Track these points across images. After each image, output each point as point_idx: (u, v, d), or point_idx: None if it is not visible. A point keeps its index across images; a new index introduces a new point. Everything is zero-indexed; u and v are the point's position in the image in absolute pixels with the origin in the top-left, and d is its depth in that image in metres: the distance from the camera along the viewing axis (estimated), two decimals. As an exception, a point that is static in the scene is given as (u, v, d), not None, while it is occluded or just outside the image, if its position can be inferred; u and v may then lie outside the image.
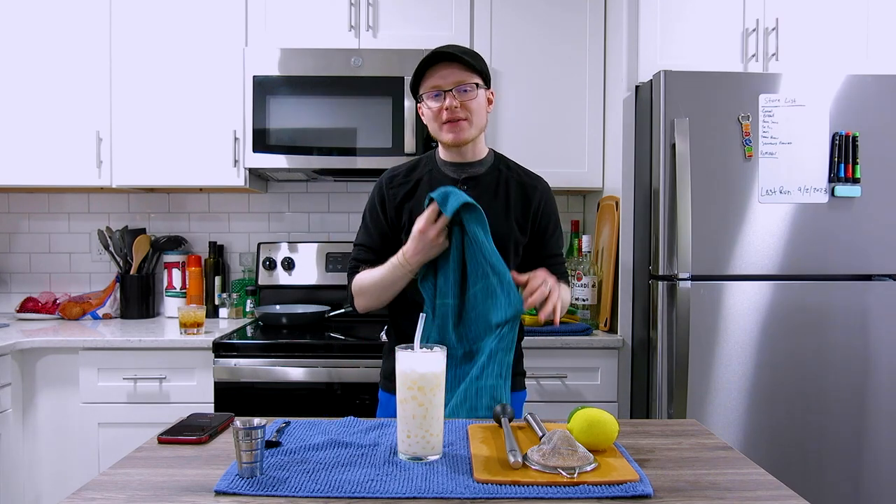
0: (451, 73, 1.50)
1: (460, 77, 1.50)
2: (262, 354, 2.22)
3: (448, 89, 1.50)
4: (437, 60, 1.50)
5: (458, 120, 1.51)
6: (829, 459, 2.16)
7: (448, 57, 1.49)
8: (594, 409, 1.16)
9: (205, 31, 2.56)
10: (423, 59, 1.52)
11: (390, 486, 0.98)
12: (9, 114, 2.55)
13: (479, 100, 1.54)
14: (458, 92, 1.50)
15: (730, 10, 2.37)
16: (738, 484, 1.03)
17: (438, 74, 1.51)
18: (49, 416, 2.29)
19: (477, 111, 1.53)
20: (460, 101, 1.50)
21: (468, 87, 1.51)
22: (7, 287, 2.93)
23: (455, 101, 1.50)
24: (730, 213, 2.14)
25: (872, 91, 2.16)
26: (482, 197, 1.54)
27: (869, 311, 2.16)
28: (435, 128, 1.55)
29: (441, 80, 1.50)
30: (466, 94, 1.51)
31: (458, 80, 1.50)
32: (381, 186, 1.63)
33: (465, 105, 1.51)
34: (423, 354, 1.14)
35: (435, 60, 1.50)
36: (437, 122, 1.54)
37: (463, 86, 1.50)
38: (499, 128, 2.61)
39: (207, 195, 2.95)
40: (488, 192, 1.58)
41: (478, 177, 1.59)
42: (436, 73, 1.51)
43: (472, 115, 1.53)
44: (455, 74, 1.50)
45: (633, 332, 2.34)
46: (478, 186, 1.57)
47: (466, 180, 1.58)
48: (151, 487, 1.00)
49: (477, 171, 1.60)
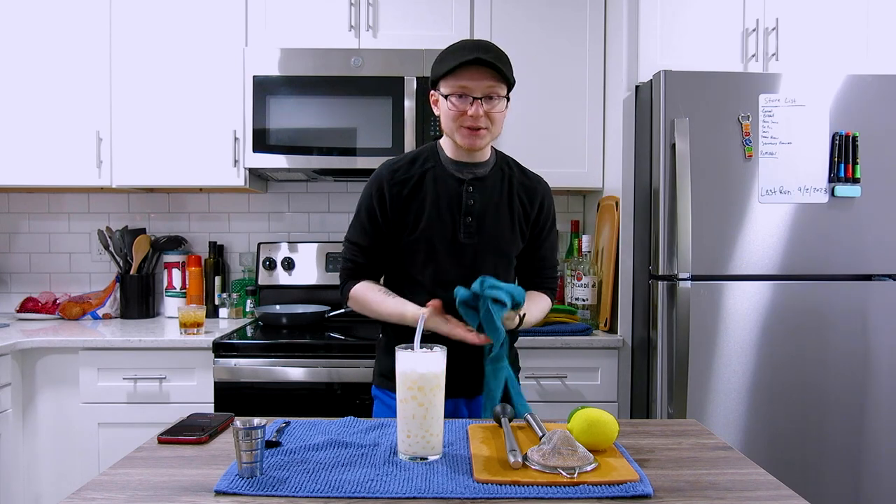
0: (483, 78, 1.44)
1: (491, 85, 1.45)
2: (262, 354, 2.22)
3: (478, 97, 1.44)
4: (471, 63, 1.42)
5: (479, 129, 1.47)
6: (829, 459, 2.15)
7: (482, 62, 1.42)
8: (594, 409, 1.16)
9: (205, 31, 2.56)
10: (456, 53, 1.44)
11: (390, 486, 0.98)
12: (9, 114, 2.55)
13: (502, 111, 1.49)
14: (486, 101, 1.45)
15: (730, 9, 2.36)
16: (738, 484, 1.03)
17: (470, 75, 1.44)
18: (49, 416, 2.29)
19: (498, 122, 1.50)
20: (486, 111, 1.45)
21: (495, 98, 1.46)
22: (7, 287, 2.93)
23: (482, 110, 1.44)
24: (730, 213, 2.14)
25: (872, 91, 2.16)
26: (487, 199, 1.54)
27: (869, 311, 2.16)
28: (451, 127, 1.49)
29: (472, 82, 1.44)
30: (493, 104, 1.46)
31: (489, 88, 1.45)
32: (380, 181, 1.55)
33: (489, 115, 1.46)
34: (424, 354, 1.14)
35: (469, 63, 1.42)
36: (455, 123, 1.48)
37: (492, 94, 1.45)
38: (499, 128, 2.60)
39: (207, 195, 2.95)
40: (493, 193, 1.57)
41: (483, 178, 1.56)
42: (467, 72, 1.44)
43: (493, 125, 1.49)
44: (487, 80, 1.44)
45: (633, 332, 2.34)
46: (483, 188, 1.55)
47: (472, 182, 1.55)
48: (151, 487, 1.00)
49: (482, 171, 1.57)
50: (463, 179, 1.55)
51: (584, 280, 2.49)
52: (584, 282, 2.49)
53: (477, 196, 1.53)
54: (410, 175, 1.55)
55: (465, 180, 1.55)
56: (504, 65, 1.46)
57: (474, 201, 1.54)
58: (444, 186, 1.54)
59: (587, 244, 2.57)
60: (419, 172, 1.55)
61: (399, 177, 1.55)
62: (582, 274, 2.50)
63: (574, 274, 2.53)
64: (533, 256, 1.65)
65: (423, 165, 1.56)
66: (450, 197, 1.54)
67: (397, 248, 1.57)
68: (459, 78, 1.44)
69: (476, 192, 1.54)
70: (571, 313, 2.43)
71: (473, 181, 1.55)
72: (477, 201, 1.54)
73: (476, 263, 1.54)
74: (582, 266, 2.52)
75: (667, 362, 2.14)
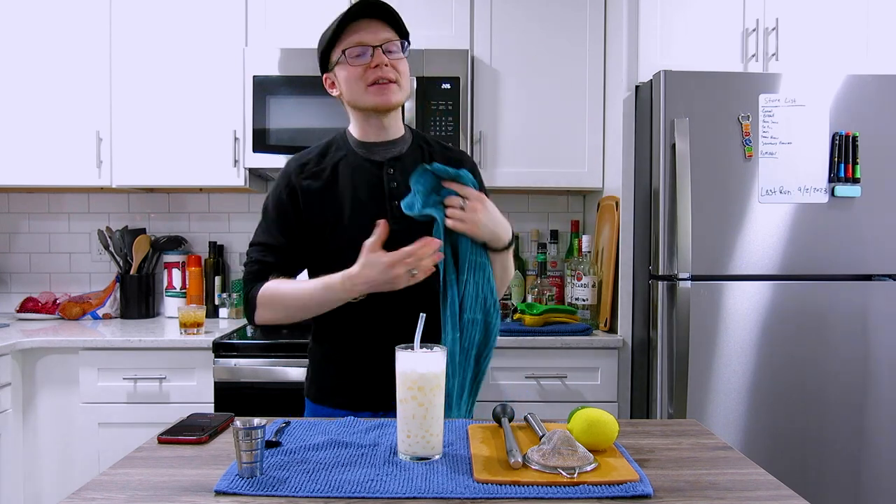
0: (377, 29, 1.34)
1: (388, 37, 1.35)
2: (262, 354, 2.22)
3: (376, 45, 1.33)
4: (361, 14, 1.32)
5: (388, 82, 1.34)
6: (829, 459, 2.16)
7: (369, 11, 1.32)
8: (594, 409, 1.16)
9: (205, 31, 2.56)
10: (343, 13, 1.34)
11: (390, 486, 0.98)
12: (9, 114, 2.55)
13: (405, 63, 1.38)
14: (387, 51, 1.34)
15: (730, 9, 2.36)
16: (738, 484, 1.02)
17: (362, 30, 1.34)
18: (49, 416, 2.29)
19: (405, 74, 1.37)
20: (389, 61, 1.34)
21: (395, 49, 1.36)
22: (7, 287, 2.93)
23: (385, 59, 1.33)
24: (730, 213, 2.14)
25: (872, 91, 2.16)
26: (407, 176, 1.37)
27: (869, 311, 2.16)
28: (358, 91, 1.36)
29: (368, 35, 1.34)
30: (394, 56, 1.36)
31: (386, 37, 1.35)
32: (288, 176, 1.42)
33: (394, 65, 1.35)
34: (423, 354, 1.14)
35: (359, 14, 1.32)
36: (361, 84, 1.35)
37: (391, 44, 1.35)
38: (499, 128, 2.60)
39: (207, 195, 2.95)
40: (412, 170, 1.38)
41: (401, 157, 1.42)
42: (358, 28, 1.34)
43: (402, 77, 1.37)
44: (382, 31, 1.35)
45: (633, 332, 2.34)
46: (403, 167, 1.40)
47: (391, 162, 1.41)
48: (151, 487, 1.00)
49: (399, 150, 1.43)
50: (381, 162, 1.41)
51: (584, 280, 2.49)
52: (584, 282, 2.49)
53: (398, 177, 1.39)
54: (322, 167, 1.42)
55: (384, 162, 1.41)
56: (396, 14, 1.36)
57: (397, 183, 1.39)
58: (362, 173, 1.41)
59: (587, 244, 2.57)
60: (331, 164, 1.42)
61: (310, 169, 1.42)
62: (582, 274, 2.50)
63: (574, 274, 2.53)
64: None
65: (333, 156, 1.43)
66: (370, 184, 1.40)
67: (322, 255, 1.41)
68: (351, 33, 1.35)
69: (397, 173, 1.40)
70: (571, 313, 2.43)
71: (392, 162, 1.42)
72: (400, 182, 1.39)
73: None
74: (582, 266, 2.52)
75: (667, 362, 2.14)
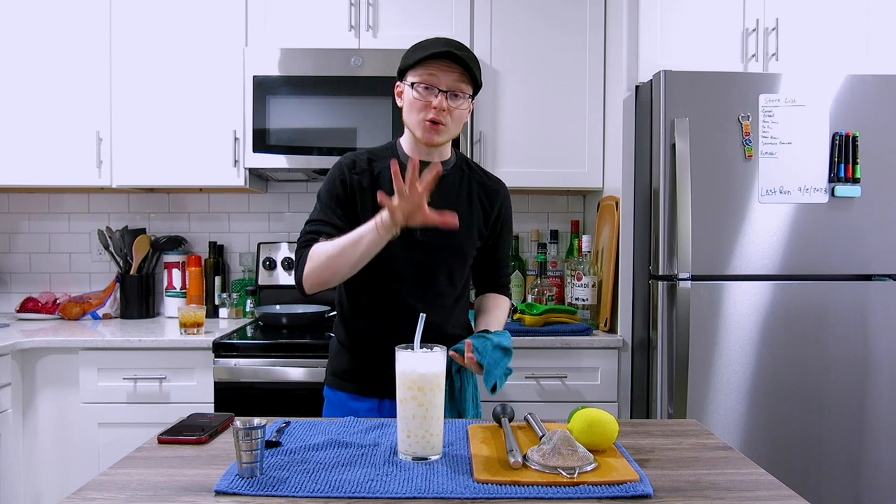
0: (450, 73, 1.46)
1: (458, 82, 1.47)
2: (262, 354, 2.22)
3: (444, 90, 1.46)
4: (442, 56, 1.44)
5: (439, 123, 1.47)
6: (829, 459, 2.16)
7: (453, 58, 1.44)
8: (594, 409, 1.16)
9: (205, 31, 2.56)
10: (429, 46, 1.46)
11: (390, 486, 0.98)
12: (9, 114, 2.55)
13: (464, 111, 1.50)
14: (451, 97, 1.47)
15: (730, 9, 2.36)
16: (738, 484, 1.03)
17: (439, 67, 1.45)
18: (49, 416, 2.29)
19: (457, 121, 1.50)
20: (448, 107, 1.46)
21: (461, 96, 1.48)
22: (7, 287, 2.93)
23: (444, 104, 1.45)
24: (730, 213, 2.14)
25: (872, 91, 2.16)
26: (445, 198, 1.52)
27: (869, 311, 2.16)
28: (413, 120, 1.50)
29: (440, 74, 1.45)
30: (457, 102, 1.48)
31: (454, 84, 1.46)
32: (341, 168, 1.55)
33: (451, 112, 1.47)
34: (423, 354, 1.14)
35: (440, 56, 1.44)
36: (418, 116, 1.48)
37: (456, 92, 1.47)
38: (499, 128, 2.61)
39: (207, 195, 2.95)
40: (452, 192, 1.56)
41: (442, 177, 1.53)
42: (437, 64, 1.45)
43: (454, 123, 1.49)
44: (454, 77, 1.46)
45: (633, 332, 2.34)
46: (442, 186, 1.53)
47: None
48: (151, 487, 1.00)
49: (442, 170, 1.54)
50: None
51: (584, 280, 2.49)
52: (584, 282, 2.49)
53: (435, 194, 1.46)
54: (370, 170, 1.55)
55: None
56: (474, 65, 1.47)
57: (433, 199, 1.45)
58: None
59: (587, 244, 2.57)
60: (378, 168, 1.55)
61: (360, 167, 1.55)
62: (582, 274, 2.50)
63: (574, 274, 2.53)
64: (491, 257, 1.66)
65: (381, 163, 1.55)
66: None
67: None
68: (429, 68, 1.46)
69: (434, 191, 1.44)
70: (571, 313, 2.43)
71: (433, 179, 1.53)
72: (435, 199, 1.47)
73: (432, 261, 1.54)
74: (582, 266, 2.52)
75: (667, 362, 2.14)
